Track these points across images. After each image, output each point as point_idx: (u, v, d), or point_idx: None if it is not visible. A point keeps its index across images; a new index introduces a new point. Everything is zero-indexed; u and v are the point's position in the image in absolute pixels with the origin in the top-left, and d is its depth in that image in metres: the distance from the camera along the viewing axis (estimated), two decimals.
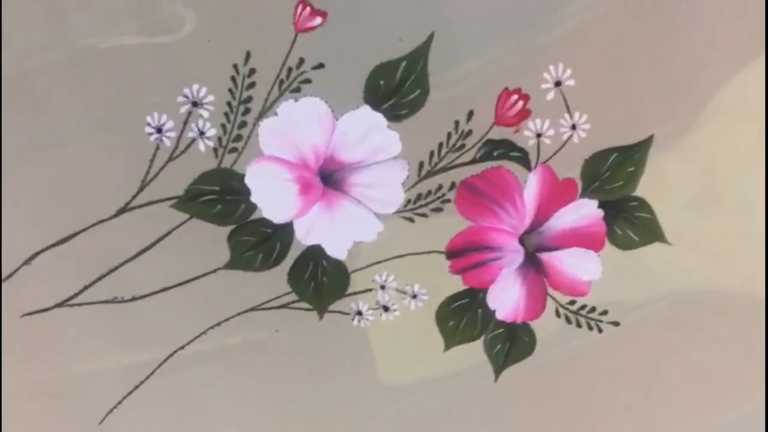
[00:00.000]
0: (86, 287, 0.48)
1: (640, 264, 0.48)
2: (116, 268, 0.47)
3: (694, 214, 0.47)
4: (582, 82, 0.45)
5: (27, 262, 0.47)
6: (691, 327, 0.49)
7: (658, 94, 0.45)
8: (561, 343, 0.50)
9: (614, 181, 0.47)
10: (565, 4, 0.44)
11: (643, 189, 0.46)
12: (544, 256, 0.49)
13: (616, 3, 0.44)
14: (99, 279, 0.48)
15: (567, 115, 0.46)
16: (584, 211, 0.48)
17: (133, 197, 0.46)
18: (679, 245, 0.47)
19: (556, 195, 0.48)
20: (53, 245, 0.46)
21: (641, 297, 0.49)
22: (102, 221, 0.46)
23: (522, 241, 0.48)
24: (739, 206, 0.47)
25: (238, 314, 0.49)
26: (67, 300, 0.48)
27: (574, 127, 0.46)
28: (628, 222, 0.49)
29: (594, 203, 0.48)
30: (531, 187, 0.47)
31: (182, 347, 0.50)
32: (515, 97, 0.46)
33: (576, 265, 0.49)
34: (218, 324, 0.49)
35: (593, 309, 0.50)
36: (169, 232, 0.47)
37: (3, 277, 0.47)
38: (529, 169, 0.47)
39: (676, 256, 0.47)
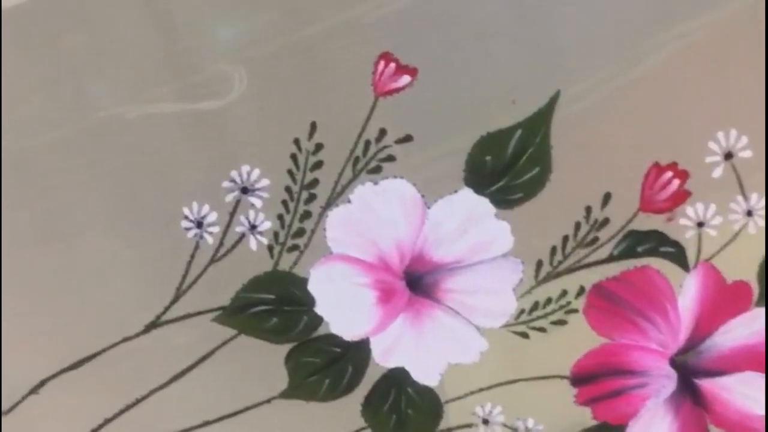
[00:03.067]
0: (107, 421, 0.38)
1: None
2: (145, 397, 0.38)
3: None
4: (762, 153, 0.35)
5: (33, 391, 0.38)
6: None
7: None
8: None
9: None
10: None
11: None
12: (706, 384, 0.38)
13: None
14: (122, 412, 0.38)
15: (740, 197, 0.35)
16: (761, 324, 0.37)
17: (166, 308, 0.37)
18: None
19: (723, 303, 0.36)
20: (65, 370, 0.37)
21: None
22: (127, 339, 0.37)
23: (675, 363, 0.37)
24: None
25: None
26: None
27: (750, 213, 0.35)
28: None
29: None
30: (689, 292, 0.36)
31: None
32: (669, 174, 0.35)
33: (749, 395, 0.37)
34: None
35: None
36: (211, 353, 0.38)
37: (3, 410, 0.38)
38: (687, 269, 0.36)
39: None
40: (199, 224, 0.36)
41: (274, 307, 0.37)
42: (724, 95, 0.34)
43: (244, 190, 0.35)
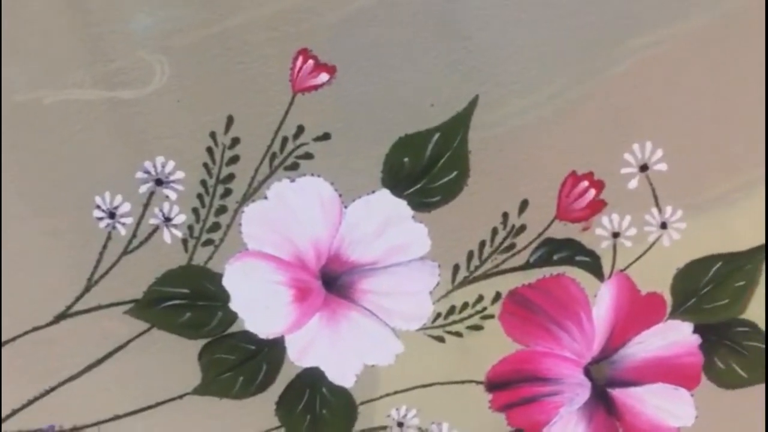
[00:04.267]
0: (15, 412, 0.38)
1: (749, 406, 0.37)
2: (54, 388, 0.38)
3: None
4: (677, 166, 0.35)
5: None
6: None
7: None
8: None
9: (716, 299, 0.36)
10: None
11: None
12: (618, 393, 0.38)
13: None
14: (31, 402, 0.38)
15: (655, 210, 0.36)
16: (674, 336, 0.37)
17: (77, 299, 0.37)
18: None
19: (636, 314, 0.37)
20: None
21: None
22: (36, 328, 0.37)
23: (588, 372, 0.38)
24: None
25: None
26: None
27: (664, 225, 0.36)
28: (734, 353, 0.37)
29: (688, 327, 0.37)
30: (603, 302, 0.36)
31: None
32: (585, 183, 0.35)
33: (661, 406, 0.38)
34: None
35: None
36: (122, 346, 0.37)
37: None
38: (602, 279, 0.36)
39: None
40: (112, 215, 0.35)
41: (188, 301, 0.37)
42: (644, 108, 0.35)
43: (159, 182, 0.35)
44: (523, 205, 0.35)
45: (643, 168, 0.35)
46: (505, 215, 0.36)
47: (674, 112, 0.34)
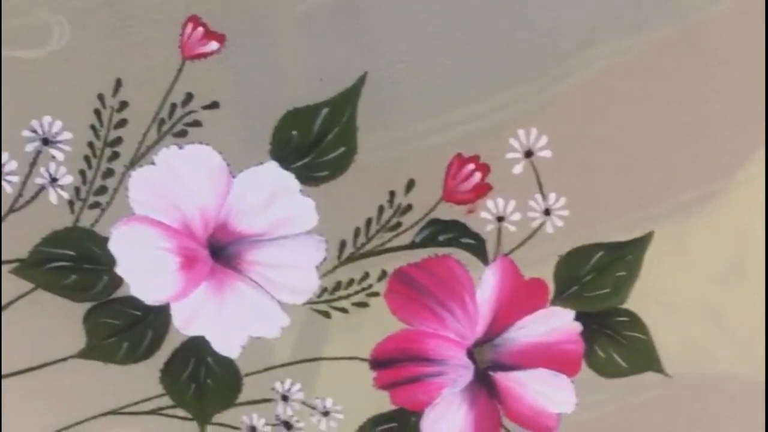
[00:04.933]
0: None
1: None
2: None
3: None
4: (561, 153, 0.36)
5: None
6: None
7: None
8: None
9: (598, 287, 0.37)
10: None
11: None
12: (500, 377, 0.39)
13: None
14: None
15: (539, 196, 0.36)
16: (556, 323, 0.38)
17: None
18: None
19: (519, 298, 0.37)
20: None
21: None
22: None
23: (472, 354, 0.38)
24: None
25: (94, 417, 0.39)
26: None
27: (547, 211, 0.36)
28: (614, 342, 0.38)
29: (569, 314, 0.37)
30: (487, 285, 0.37)
31: None
32: (471, 166, 0.36)
33: (541, 391, 0.38)
34: (66, 429, 0.39)
35: None
36: (6, 305, 0.37)
37: None
38: (486, 262, 0.37)
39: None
40: None
41: (74, 263, 0.37)
42: (533, 92, 0.35)
43: (45, 142, 0.35)
44: (410, 184, 0.36)
45: (528, 154, 0.35)
46: (392, 194, 0.36)
47: (560, 99, 0.35)
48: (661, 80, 0.35)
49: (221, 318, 0.38)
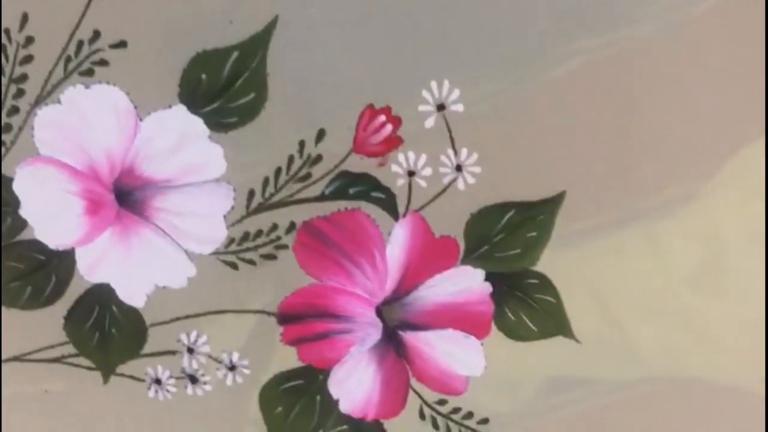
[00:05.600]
0: None
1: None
2: None
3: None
4: (474, 108, 0.35)
5: None
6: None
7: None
8: None
9: (508, 248, 0.37)
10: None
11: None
12: (409, 337, 0.38)
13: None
14: None
15: (451, 151, 0.36)
16: (466, 283, 0.37)
17: None
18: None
19: (429, 256, 0.37)
20: None
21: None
22: None
23: (380, 313, 0.38)
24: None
25: None
26: None
27: (459, 168, 0.36)
28: (525, 305, 0.38)
29: (480, 274, 0.37)
30: (396, 241, 0.37)
31: None
32: (382, 118, 0.35)
33: (450, 353, 0.38)
34: None
35: (470, 414, 0.39)
36: None
37: None
38: (396, 217, 0.37)
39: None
40: None
41: None
42: (443, 46, 0.35)
43: None
44: (320, 134, 0.35)
45: (440, 107, 0.35)
46: (302, 143, 0.36)
47: (473, 52, 0.35)
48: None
49: (126, 265, 0.38)
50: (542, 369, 0.39)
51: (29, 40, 0.35)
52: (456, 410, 0.39)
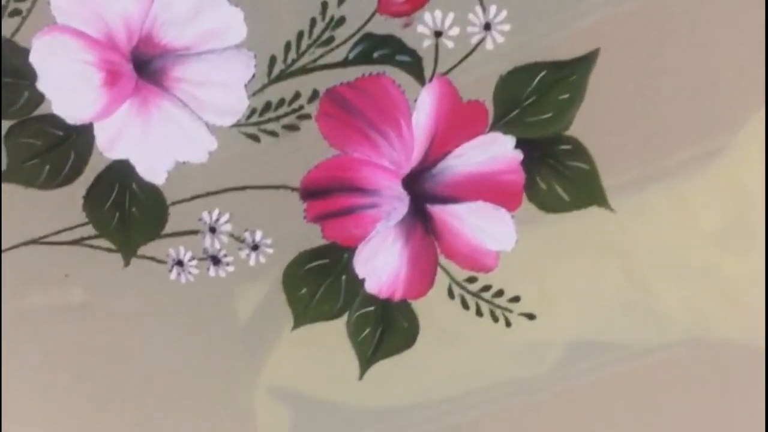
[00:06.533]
0: None
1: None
2: None
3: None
4: None
5: None
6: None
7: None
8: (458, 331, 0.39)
9: (540, 112, 0.35)
10: None
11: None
12: (437, 210, 0.37)
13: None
14: None
15: (479, 8, 0.35)
16: (495, 151, 0.36)
17: None
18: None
19: (457, 123, 0.36)
20: None
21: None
22: None
23: (407, 185, 0.37)
24: None
25: (15, 247, 0.38)
26: None
27: (488, 26, 0.35)
28: (557, 173, 0.37)
29: (510, 141, 0.36)
30: (423, 107, 0.36)
31: None
32: None
33: (480, 227, 0.37)
34: None
35: (500, 292, 0.39)
36: None
37: None
38: (423, 82, 0.36)
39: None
40: None
41: None
42: None
43: None
44: None
45: None
46: (324, 5, 0.35)
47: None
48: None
49: (146, 140, 0.37)
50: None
51: None
52: (486, 288, 0.38)
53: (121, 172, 0.37)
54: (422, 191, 0.37)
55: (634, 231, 0.38)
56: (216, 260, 0.39)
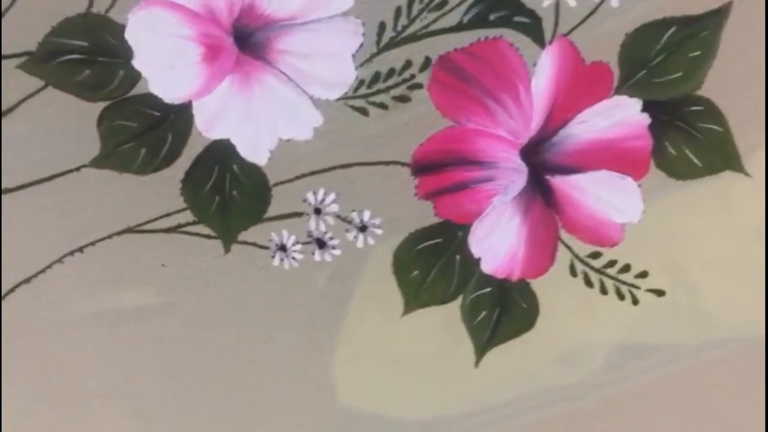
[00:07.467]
0: None
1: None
2: None
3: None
4: None
5: None
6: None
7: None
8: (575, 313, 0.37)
9: (669, 71, 0.34)
10: None
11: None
12: (558, 182, 0.36)
13: None
14: None
15: None
16: (621, 115, 0.35)
17: None
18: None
19: (579, 87, 0.34)
20: None
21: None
22: None
23: (526, 155, 0.35)
24: None
25: (109, 237, 0.37)
26: None
27: None
28: (687, 137, 0.35)
29: (636, 104, 0.34)
30: (543, 72, 0.34)
31: (28, 280, 0.38)
32: None
33: (604, 198, 0.35)
34: (79, 250, 0.37)
35: (627, 267, 0.37)
36: (12, 107, 0.35)
37: None
38: (542, 44, 0.34)
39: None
40: None
41: (87, 56, 0.35)
42: None
43: None
44: None
45: None
46: None
47: None
48: None
49: (248, 118, 0.35)
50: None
51: None
52: (611, 263, 0.36)
53: (221, 153, 0.36)
54: (542, 162, 0.35)
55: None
56: (321, 243, 0.37)
